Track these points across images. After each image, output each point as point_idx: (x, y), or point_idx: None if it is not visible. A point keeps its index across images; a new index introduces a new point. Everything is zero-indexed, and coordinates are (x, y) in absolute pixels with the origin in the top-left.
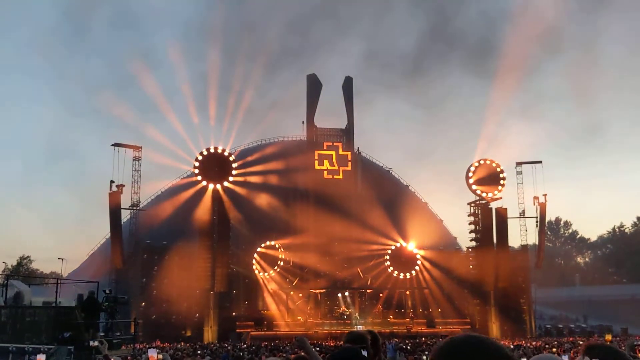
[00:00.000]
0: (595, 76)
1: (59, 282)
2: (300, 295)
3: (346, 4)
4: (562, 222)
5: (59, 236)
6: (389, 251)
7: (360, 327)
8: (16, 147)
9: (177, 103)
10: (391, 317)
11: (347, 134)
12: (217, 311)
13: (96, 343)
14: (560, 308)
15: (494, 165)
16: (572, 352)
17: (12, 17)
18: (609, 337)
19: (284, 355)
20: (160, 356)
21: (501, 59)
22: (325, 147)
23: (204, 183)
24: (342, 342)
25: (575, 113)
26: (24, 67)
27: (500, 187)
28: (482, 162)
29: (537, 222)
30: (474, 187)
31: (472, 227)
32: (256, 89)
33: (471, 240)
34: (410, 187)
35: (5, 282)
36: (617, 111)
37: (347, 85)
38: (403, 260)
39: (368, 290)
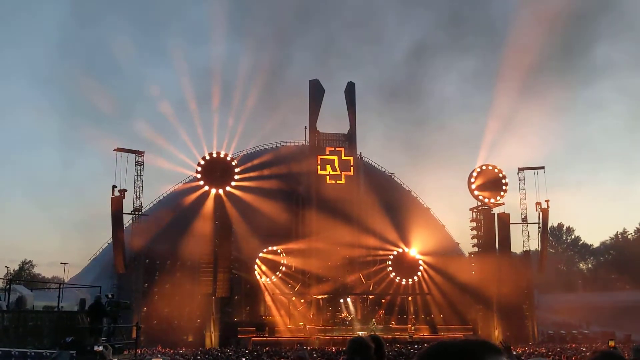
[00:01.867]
0: (598, 80)
1: (61, 286)
2: (302, 300)
3: (348, 8)
4: (564, 228)
5: (61, 241)
6: (391, 257)
7: (362, 333)
8: (17, 150)
9: (179, 108)
10: (393, 323)
11: (349, 139)
12: (219, 316)
13: (101, 348)
14: (562, 314)
15: (496, 170)
16: (573, 358)
17: (16, 20)
18: (612, 342)
19: None
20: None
21: (503, 64)
22: (327, 152)
23: (206, 188)
24: (344, 348)
25: (578, 119)
26: (25, 69)
27: (502, 193)
28: (484, 167)
29: (539, 227)
30: (476, 192)
31: (475, 232)
32: (259, 94)
33: (473, 246)
34: (412, 193)
35: (8, 286)
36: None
37: (350, 91)
38: (405, 265)
39: (370, 296)
